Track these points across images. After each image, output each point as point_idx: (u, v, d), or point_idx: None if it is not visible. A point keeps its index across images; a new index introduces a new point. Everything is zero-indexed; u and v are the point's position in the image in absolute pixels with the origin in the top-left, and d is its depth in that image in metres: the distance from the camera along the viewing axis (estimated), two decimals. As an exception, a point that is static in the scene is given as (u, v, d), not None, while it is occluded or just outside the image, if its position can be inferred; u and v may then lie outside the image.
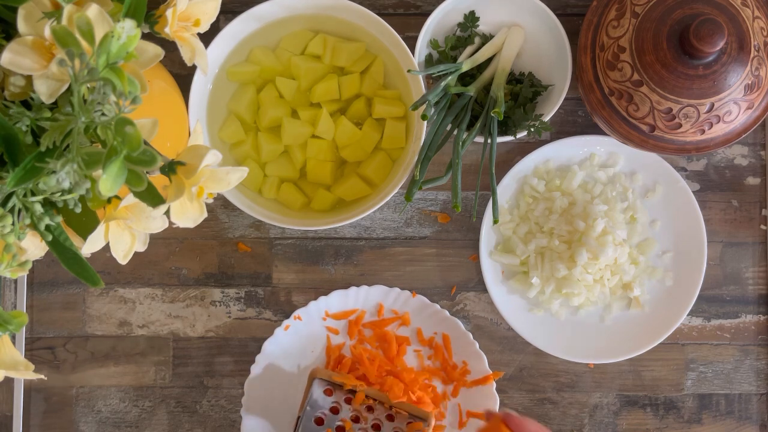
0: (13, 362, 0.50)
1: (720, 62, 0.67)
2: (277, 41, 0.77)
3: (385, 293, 0.78)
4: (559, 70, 0.77)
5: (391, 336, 0.78)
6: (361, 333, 0.78)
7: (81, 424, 0.80)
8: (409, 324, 0.78)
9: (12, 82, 0.47)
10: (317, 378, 0.72)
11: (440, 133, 0.74)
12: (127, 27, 0.45)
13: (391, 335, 0.78)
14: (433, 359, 0.78)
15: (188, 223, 0.50)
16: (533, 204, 0.79)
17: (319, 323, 0.78)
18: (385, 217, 0.81)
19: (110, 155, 0.43)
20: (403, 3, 0.81)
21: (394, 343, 0.77)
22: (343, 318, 0.78)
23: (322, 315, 0.78)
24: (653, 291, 0.80)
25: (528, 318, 0.79)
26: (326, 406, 0.71)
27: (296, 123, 0.75)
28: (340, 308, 0.78)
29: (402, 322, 0.78)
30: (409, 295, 0.78)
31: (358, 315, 0.78)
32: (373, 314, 0.79)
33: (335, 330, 0.78)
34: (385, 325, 0.78)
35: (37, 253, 0.50)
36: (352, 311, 0.78)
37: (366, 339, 0.78)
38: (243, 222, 0.80)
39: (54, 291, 0.80)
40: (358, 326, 0.78)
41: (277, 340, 0.77)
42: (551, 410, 0.81)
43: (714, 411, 0.81)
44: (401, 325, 0.78)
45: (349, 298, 0.78)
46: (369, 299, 0.78)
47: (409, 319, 0.78)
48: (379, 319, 0.78)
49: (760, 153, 0.82)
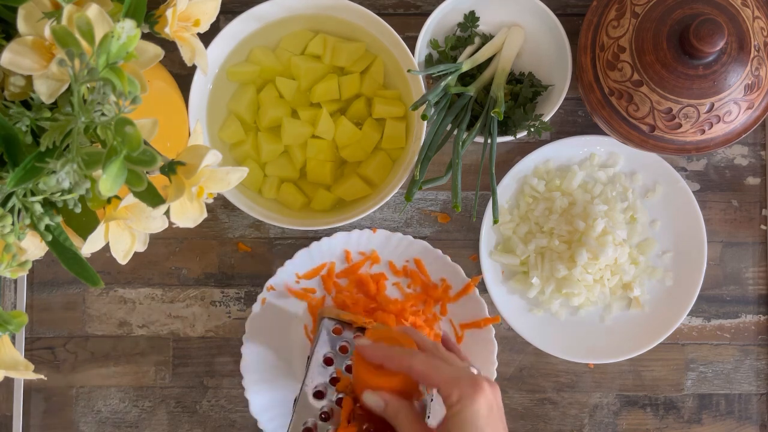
0: (13, 362, 0.50)
1: (720, 62, 0.67)
2: (277, 41, 0.77)
3: (347, 237, 0.78)
4: (559, 70, 0.77)
5: (366, 277, 0.78)
6: (337, 284, 0.78)
7: (81, 424, 0.80)
8: (379, 261, 0.78)
9: (12, 82, 0.47)
10: (325, 317, 0.72)
11: (440, 133, 0.74)
12: (127, 27, 0.45)
13: (366, 276, 0.78)
14: (413, 286, 0.78)
15: (188, 223, 0.50)
16: (533, 204, 0.79)
17: (293, 288, 0.78)
18: (385, 217, 0.81)
19: (110, 155, 0.43)
20: (403, 3, 0.81)
21: (371, 281, 0.77)
22: (314, 276, 0.78)
23: (293, 279, 0.78)
24: (653, 291, 0.80)
25: (528, 318, 0.79)
26: (335, 345, 0.71)
27: (296, 123, 0.75)
28: (309, 267, 0.78)
29: (372, 261, 0.78)
30: (370, 232, 0.78)
31: (328, 268, 0.78)
32: (343, 262, 0.78)
33: (312, 289, 0.78)
34: (357, 269, 0.78)
35: (37, 253, 0.50)
36: (321, 266, 0.78)
37: (343, 288, 0.78)
38: (243, 222, 0.80)
39: (54, 291, 0.80)
40: (332, 278, 0.78)
41: (255, 316, 0.77)
42: (551, 410, 0.81)
43: (714, 411, 0.81)
44: (373, 264, 0.78)
45: (313, 254, 0.78)
46: (333, 249, 0.78)
47: (378, 256, 0.78)
48: (350, 265, 0.78)
49: (760, 153, 0.82)
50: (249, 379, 0.76)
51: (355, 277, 0.78)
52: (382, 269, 0.79)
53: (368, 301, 0.77)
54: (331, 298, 0.78)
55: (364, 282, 0.78)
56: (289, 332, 0.78)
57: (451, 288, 0.78)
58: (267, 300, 0.77)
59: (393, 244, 0.78)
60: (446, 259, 0.77)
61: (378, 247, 0.78)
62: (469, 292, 0.77)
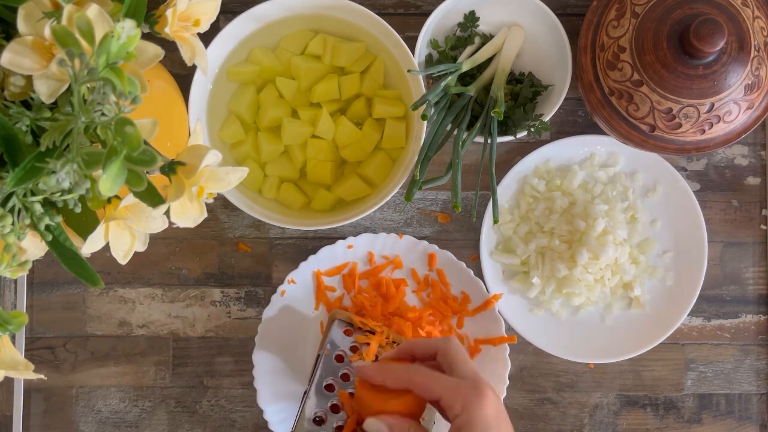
0: (13, 362, 0.50)
1: (720, 62, 0.67)
2: (277, 41, 0.77)
3: (373, 240, 0.78)
4: (559, 70, 0.77)
5: (388, 280, 0.77)
6: (358, 285, 0.78)
7: (81, 424, 0.80)
8: (402, 267, 0.78)
9: (12, 82, 0.47)
10: (337, 319, 0.72)
11: (440, 133, 0.74)
12: (127, 27, 0.45)
13: (388, 279, 0.77)
14: (432, 296, 0.78)
15: (188, 223, 0.50)
16: (534, 204, 0.79)
17: (314, 283, 0.78)
18: (385, 217, 0.81)
19: (110, 155, 0.43)
20: (403, 3, 0.81)
21: (391, 286, 0.77)
22: (336, 274, 0.78)
23: (314, 274, 0.78)
24: (654, 291, 0.80)
25: (529, 318, 0.79)
26: (346, 345, 0.71)
27: (296, 123, 0.75)
28: (331, 264, 0.78)
29: (395, 266, 0.78)
30: (396, 237, 0.78)
31: (350, 267, 0.78)
32: (365, 264, 0.78)
33: (332, 288, 0.78)
34: (379, 272, 0.78)
35: (37, 253, 0.50)
36: (344, 265, 0.78)
37: (363, 289, 0.78)
38: (243, 222, 0.80)
39: (54, 291, 0.80)
40: (353, 278, 0.78)
41: (274, 308, 0.77)
42: (551, 410, 0.81)
43: (714, 411, 0.81)
44: (395, 269, 0.78)
45: (337, 252, 0.78)
46: (357, 249, 0.78)
47: (401, 262, 0.78)
48: (372, 268, 0.78)
49: (760, 153, 0.82)
50: (259, 370, 0.76)
51: (376, 279, 0.78)
52: (404, 275, 0.78)
53: (386, 306, 0.77)
54: (350, 297, 0.78)
55: (385, 285, 0.77)
56: (303, 327, 0.77)
57: (470, 302, 0.78)
58: (286, 292, 0.77)
59: (417, 252, 0.78)
60: (469, 273, 0.77)
61: (402, 253, 0.78)
62: (489, 308, 0.77)
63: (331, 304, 0.78)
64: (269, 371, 0.76)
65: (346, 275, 0.78)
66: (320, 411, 0.65)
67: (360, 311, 0.76)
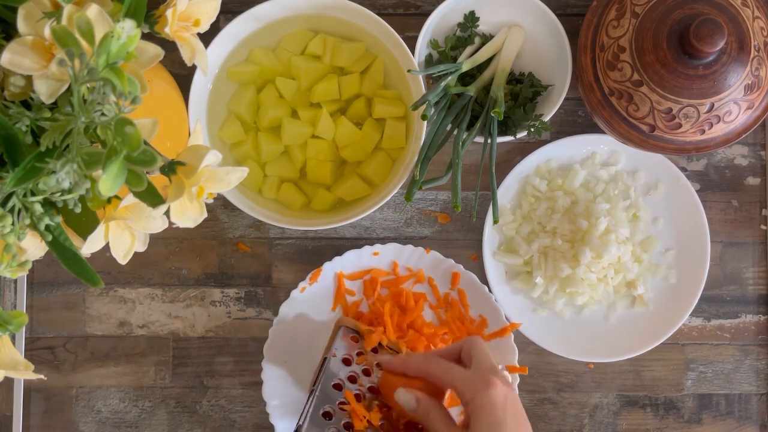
0: (13, 362, 0.50)
1: (720, 62, 0.67)
2: (277, 41, 0.77)
3: (399, 250, 0.78)
4: (559, 70, 0.77)
5: (408, 293, 0.77)
6: (377, 292, 0.78)
7: (81, 424, 0.80)
8: (423, 281, 0.78)
9: (12, 82, 0.47)
10: (343, 326, 0.73)
11: (440, 133, 0.74)
12: (127, 27, 0.45)
13: (408, 292, 0.77)
14: (449, 315, 0.78)
15: (188, 223, 0.50)
16: (535, 203, 0.79)
17: (334, 285, 0.78)
18: (385, 217, 0.81)
19: (110, 155, 0.43)
20: (403, 3, 0.81)
21: (411, 299, 0.77)
22: (358, 278, 0.78)
23: (336, 275, 0.78)
24: (657, 289, 0.80)
25: (532, 318, 0.79)
26: (352, 352, 0.71)
27: (296, 123, 0.75)
28: (355, 269, 0.78)
29: (417, 280, 0.78)
30: (423, 251, 0.78)
31: (373, 275, 0.78)
32: (388, 273, 0.78)
33: (351, 291, 0.78)
34: (401, 283, 0.78)
35: (37, 253, 0.50)
36: (367, 271, 0.78)
37: (382, 298, 0.78)
38: (243, 222, 0.80)
39: (54, 291, 0.80)
40: (375, 285, 0.77)
41: (293, 303, 0.77)
42: (551, 410, 0.81)
43: (714, 411, 0.81)
44: (416, 282, 0.78)
45: (362, 257, 0.78)
46: (383, 257, 0.78)
47: (424, 276, 0.78)
48: (394, 278, 0.78)
49: (760, 153, 0.82)
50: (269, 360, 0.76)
51: (396, 290, 0.78)
52: (425, 290, 0.78)
53: (403, 317, 0.76)
54: (368, 303, 0.78)
55: (404, 297, 0.77)
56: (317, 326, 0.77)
57: (487, 326, 0.77)
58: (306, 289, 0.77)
59: (441, 269, 0.78)
60: (490, 298, 0.77)
61: (426, 268, 0.78)
62: (505, 336, 0.77)
63: (348, 307, 0.78)
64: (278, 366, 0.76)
65: (368, 281, 0.78)
66: (328, 407, 0.65)
67: (376, 318, 0.76)
